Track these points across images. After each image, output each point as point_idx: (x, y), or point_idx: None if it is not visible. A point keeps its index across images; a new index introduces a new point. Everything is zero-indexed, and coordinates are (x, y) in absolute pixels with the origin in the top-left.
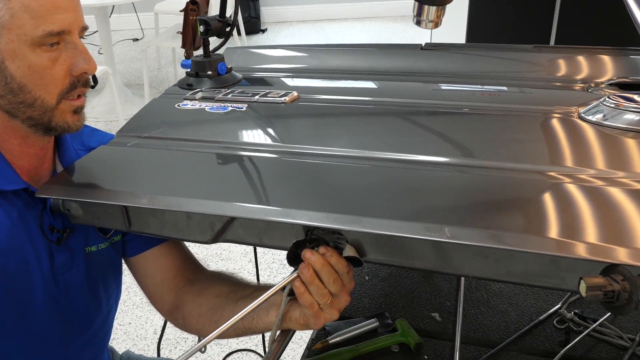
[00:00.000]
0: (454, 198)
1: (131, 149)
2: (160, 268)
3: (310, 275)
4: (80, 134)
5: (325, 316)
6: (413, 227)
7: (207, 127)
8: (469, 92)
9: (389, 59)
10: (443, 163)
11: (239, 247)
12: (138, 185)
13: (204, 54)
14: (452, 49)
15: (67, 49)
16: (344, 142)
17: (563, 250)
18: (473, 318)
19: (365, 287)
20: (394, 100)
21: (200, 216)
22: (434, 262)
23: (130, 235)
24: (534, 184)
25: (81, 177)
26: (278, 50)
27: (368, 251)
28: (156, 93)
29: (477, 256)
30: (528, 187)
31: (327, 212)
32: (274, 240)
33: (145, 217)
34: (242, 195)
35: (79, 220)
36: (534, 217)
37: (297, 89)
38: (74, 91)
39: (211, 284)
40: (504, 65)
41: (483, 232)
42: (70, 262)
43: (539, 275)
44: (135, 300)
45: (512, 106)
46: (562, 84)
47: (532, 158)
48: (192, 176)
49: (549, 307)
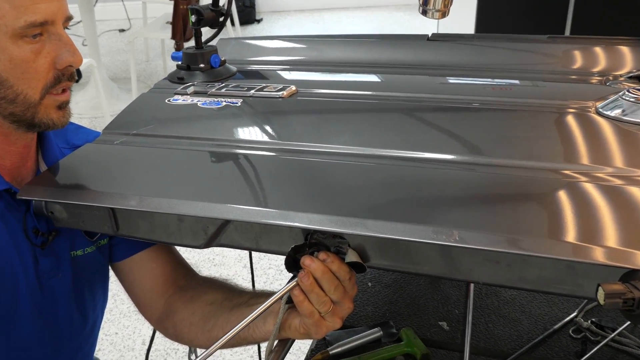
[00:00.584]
0: (462, 199)
1: (119, 147)
2: (150, 273)
3: (310, 283)
4: (64, 132)
5: (327, 325)
6: (420, 230)
7: (200, 124)
8: (479, 85)
9: (393, 50)
10: (451, 161)
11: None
12: (126, 186)
13: (195, 46)
14: (460, 39)
15: (50, 41)
16: (346, 139)
17: (580, 254)
18: (483, 327)
19: (368, 294)
20: (399, 95)
21: (192, 219)
22: (441, 267)
23: (118, 239)
24: (548, 184)
25: (65, 177)
26: (275, 41)
27: (372, 256)
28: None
29: (488, 261)
30: (542, 187)
31: (327, 214)
32: (271, 245)
33: (133, 220)
34: (237, 197)
35: (63, 223)
36: (549, 219)
37: (296, 83)
38: (59, 85)
39: (204, 290)
40: (516, 57)
41: (494, 235)
42: (56, 267)
43: (553, 281)
44: (122, 308)
45: (524, 101)
46: (578, 76)
47: (546, 156)
48: (183, 176)
49: (565, 315)
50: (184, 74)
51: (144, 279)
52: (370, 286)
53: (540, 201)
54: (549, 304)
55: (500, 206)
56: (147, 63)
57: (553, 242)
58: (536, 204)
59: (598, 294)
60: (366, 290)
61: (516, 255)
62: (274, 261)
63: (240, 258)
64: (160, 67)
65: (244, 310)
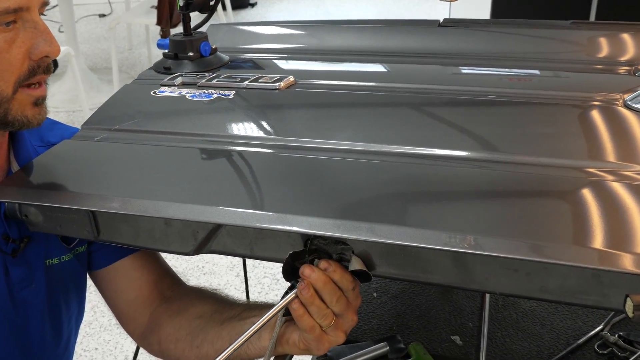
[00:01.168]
0: (477, 200)
1: (99, 144)
2: (133, 283)
3: (311, 295)
4: (39, 128)
5: (329, 339)
6: (431, 235)
7: (189, 118)
8: (495, 76)
9: (400, 37)
10: (464, 159)
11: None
12: (108, 186)
13: (183, 32)
14: (474, 25)
15: (25, 29)
16: (349, 134)
17: (606, 262)
18: (500, 342)
19: (373, 306)
20: (407, 86)
21: (180, 223)
22: (454, 276)
23: (97, 245)
24: (571, 183)
25: (41, 177)
26: (271, 27)
27: (377, 264)
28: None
29: (506, 269)
30: (565, 187)
31: (329, 217)
32: (267, 252)
33: (116, 225)
34: (230, 199)
35: (38, 228)
36: (572, 223)
37: (294, 73)
38: (34, 78)
39: (192, 302)
40: (535, 45)
41: (513, 241)
42: (29, 276)
43: (577, 291)
44: (102, 321)
45: (545, 93)
46: (604, 66)
47: (569, 152)
48: (171, 176)
49: (589, 329)
50: (170, 63)
51: (126, 289)
52: (375, 297)
53: (562, 203)
54: (572, 316)
55: (518, 209)
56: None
57: (577, 249)
58: (558, 206)
59: (626, 305)
60: (371, 302)
61: (537, 263)
62: (270, 269)
63: (232, 266)
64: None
65: (235, 324)
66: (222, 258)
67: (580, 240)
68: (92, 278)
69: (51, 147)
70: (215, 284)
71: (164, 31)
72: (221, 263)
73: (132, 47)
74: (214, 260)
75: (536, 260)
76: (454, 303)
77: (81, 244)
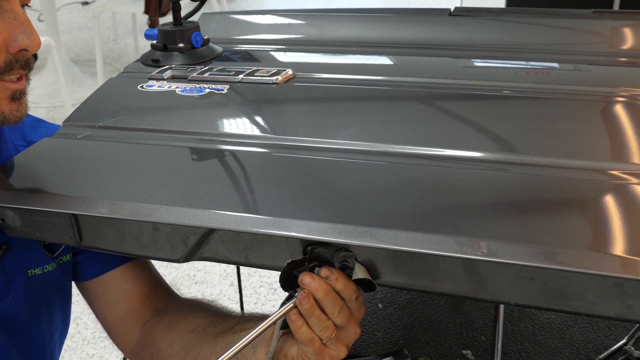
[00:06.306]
0: (491, 204)
1: (82, 142)
2: (124, 296)
3: (311, 306)
4: (21, 126)
5: (330, 353)
6: (440, 241)
7: (179, 115)
8: (511, 69)
9: (408, 27)
10: (477, 159)
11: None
12: (91, 188)
13: (173, 22)
14: (488, 14)
15: (3, 19)
16: (352, 132)
17: (630, 270)
18: (515, 356)
19: (378, 318)
20: (415, 80)
21: (169, 227)
22: (466, 285)
23: (85, 254)
24: (593, 186)
25: (19, 178)
26: (267, 16)
27: (383, 272)
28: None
29: (522, 278)
30: (585, 190)
31: (330, 222)
32: (263, 259)
33: (100, 229)
34: (223, 201)
35: (16, 232)
36: (593, 228)
37: (292, 66)
38: (10, 72)
39: (184, 315)
40: (554, 36)
41: (529, 247)
42: (6, 287)
43: (598, 302)
44: (85, 334)
45: (565, 87)
46: (628, 59)
47: (590, 153)
48: (159, 177)
49: (612, 343)
50: (159, 55)
51: (117, 302)
52: (381, 308)
53: (583, 207)
54: (593, 329)
55: (535, 213)
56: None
57: (598, 256)
58: (578, 211)
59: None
60: (376, 313)
61: (555, 271)
62: (267, 278)
63: (226, 274)
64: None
65: (230, 337)
66: (215, 266)
67: (602, 246)
68: (79, 289)
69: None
70: (207, 294)
71: (152, 20)
72: (214, 271)
73: (117, 37)
74: (206, 268)
75: (554, 268)
76: (465, 315)
77: (65, 252)
